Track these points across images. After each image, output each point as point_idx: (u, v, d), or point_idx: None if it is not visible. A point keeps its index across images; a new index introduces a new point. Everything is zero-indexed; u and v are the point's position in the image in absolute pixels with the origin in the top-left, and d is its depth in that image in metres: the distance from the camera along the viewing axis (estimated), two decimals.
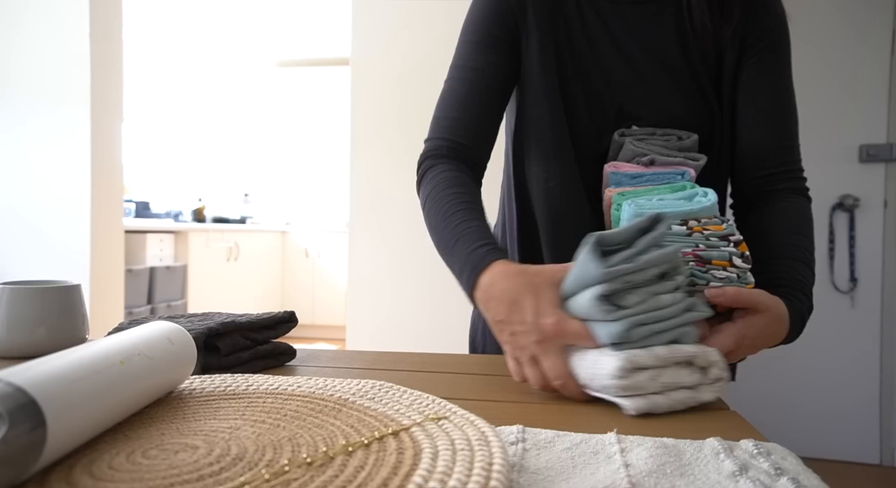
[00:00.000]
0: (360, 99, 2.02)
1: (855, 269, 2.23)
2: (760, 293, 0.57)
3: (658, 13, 0.74)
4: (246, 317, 0.66)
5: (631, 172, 0.68)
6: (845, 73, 2.22)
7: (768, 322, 0.57)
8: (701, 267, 0.57)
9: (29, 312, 0.65)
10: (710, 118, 0.73)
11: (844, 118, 2.23)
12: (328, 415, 0.41)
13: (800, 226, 0.70)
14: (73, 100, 2.16)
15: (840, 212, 2.24)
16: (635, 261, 0.49)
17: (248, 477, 0.30)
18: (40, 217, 2.20)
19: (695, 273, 0.57)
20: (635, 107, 0.73)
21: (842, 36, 2.23)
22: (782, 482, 0.32)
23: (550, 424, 0.43)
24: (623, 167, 0.69)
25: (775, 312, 0.58)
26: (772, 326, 0.58)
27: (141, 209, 4.02)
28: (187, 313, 0.71)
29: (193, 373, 0.53)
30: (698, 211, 0.59)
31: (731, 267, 0.57)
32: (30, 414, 0.29)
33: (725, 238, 0.58)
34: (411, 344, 1.97)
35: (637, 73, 0.73)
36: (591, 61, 0.74)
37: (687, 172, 0.66)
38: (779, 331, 0.59)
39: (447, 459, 0.32)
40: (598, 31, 0.75)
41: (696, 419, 0.46)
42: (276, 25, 4.50)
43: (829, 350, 2.24)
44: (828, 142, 2.25)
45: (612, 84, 0.74)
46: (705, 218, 0.59)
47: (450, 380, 0.59)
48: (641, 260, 0.49)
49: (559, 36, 0.75)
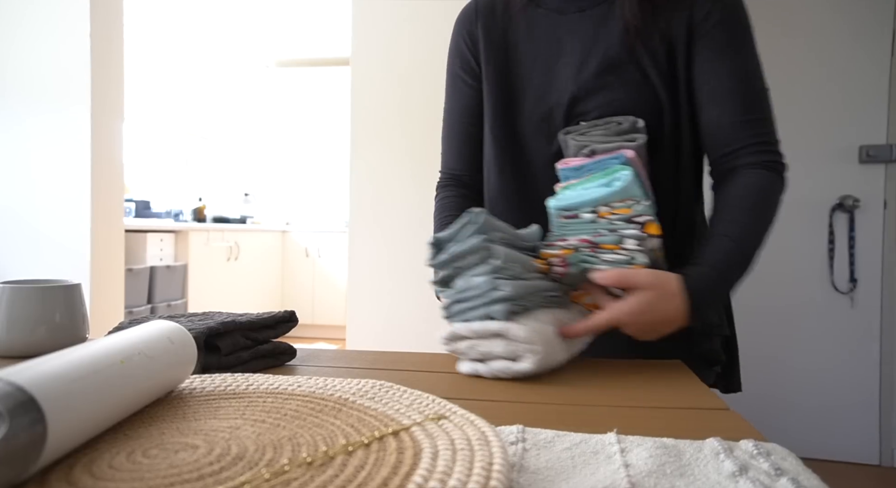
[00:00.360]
0: (360, 99, 2.02)
1: (855, 270, 2.22)
2: (641, 273, 0.62)
3: (603, 18, 0.78)
4: (246, 316, 0.66)
5: (575, 165, 0.72)
6: (845, 73, 2.22)
7: (651, 299, 0.61)
8: (593, 251, 0.63)
9: (29, 312, 0.65)
10: (659, 106, 0.76)
11: (844, 118, 2.23)
12: (328, 415, 0.41)
13: (746, 200, 0.70)
14: (74, 99, 2.15)
15: (840, 213, 2.24)
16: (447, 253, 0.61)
17: (248, 477, 0.30)
18: (40, 216, 2.20)
19: (586, 258, 0.63)
20: (582, 105, 0.77)
21: (842, 36, 2.23)
22: (782, 482, 0.32)
23: (550, 424, 0.43)
24: (570, 162, 0.72)
25: (660, 291, 0.61)
26: (659, 304, 0.61)
27: (141, 208, 4.02)
28: (187, 313, 0.71)
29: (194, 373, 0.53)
30: (608, 195, 0.64)
31: (620, 249, 0.62)
32: (30, 414, 0.29)
33: (631, 220, 0.63)
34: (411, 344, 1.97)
35: (583, 75, 0.77)
36: (540, 73, 0.81)
37: (621, 155, 0.68)
38: (669, 307, 0.62)
39: (447, 459, 0.32)
40: (546, 44, 0.81)
41: (696, 419, 0.46)
42: (275, 25, 4.50)
43: (829, 350, 2.24)
44: (828, 143, 2.24)
45: (560, 90, 0.79)
46: (618, 202, 0.64)
47: (450, 380, 0.59)
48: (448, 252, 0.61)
49: (509, 55, 0.84)
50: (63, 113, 2.17)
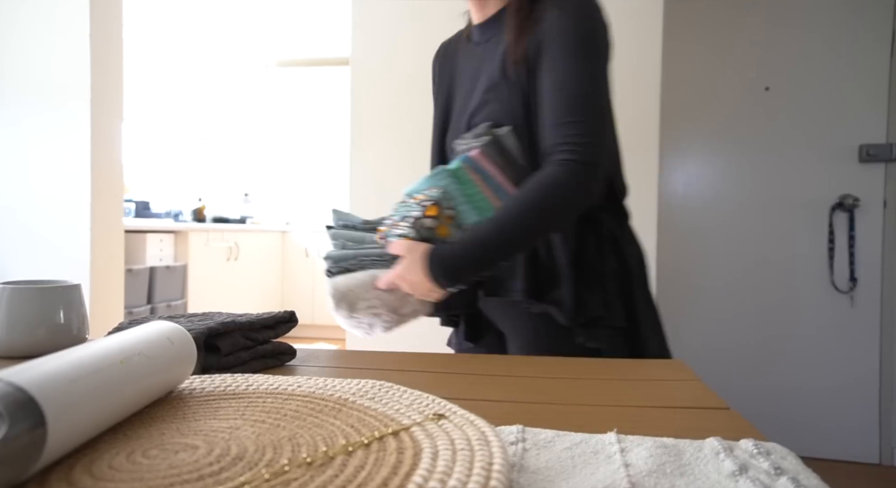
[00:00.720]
0: (360, 99, 2.02)
1: (855, 269, 2.22)
2: (399, 244, 0.80)
3: (494, 47, 0.92)
4: (246, 316, 0.66)
5: None
6: (845, 73, 2.22)
7: (406, 265, 0.79)
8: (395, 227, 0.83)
9: (29, 312, 0.65)
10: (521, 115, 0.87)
11: (844, 118, 2.23)
12: (328, 415, 0.41)
13: (524, 192, 0.80)
14: (73, 99, 2.15)
15: (840, 212, 2.24)
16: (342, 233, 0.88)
17: (248, 477, 0.30)
18: (40, 217, 2.20)
19: (390, 232, 0.83)
20: (475, 119, 0.91)
21: (842, 36, 2.23)
22: (782, 482, 0.32)
23: (550, 424, 0.43)
24: None
25: (410, 259, 0.79)
26: (410, 268, 0.79)
27: (141, 209, 4.01)
28: (187, 313, 0.71)
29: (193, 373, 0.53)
30: (418, 186, 0.84)
31: (399, 226, 0.82)
32: (30, 414, 0.29)
33: (421, 204, 0.81)
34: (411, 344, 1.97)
35: (475, 95, 0.92)
36: (461, 95, 0.97)
37: (465, 156, 0.84)
38: (417, 271, 0.79)
39: (447, 459, 0.32)
40: (463, 71, 0.99)
41: (696, 419, 0.46)
42: (275, 25, 4.49)
43: (829, 350, 2.24)
44: (828, 143, 2.25)
45: (466, 107, 0.94)
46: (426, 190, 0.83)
47: (450, 380, 0.60)
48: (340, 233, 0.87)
49: (445, 79, 1.02)
50: (63, 112, 2.17)
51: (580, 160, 0.78)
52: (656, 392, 0.55)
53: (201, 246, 3.85)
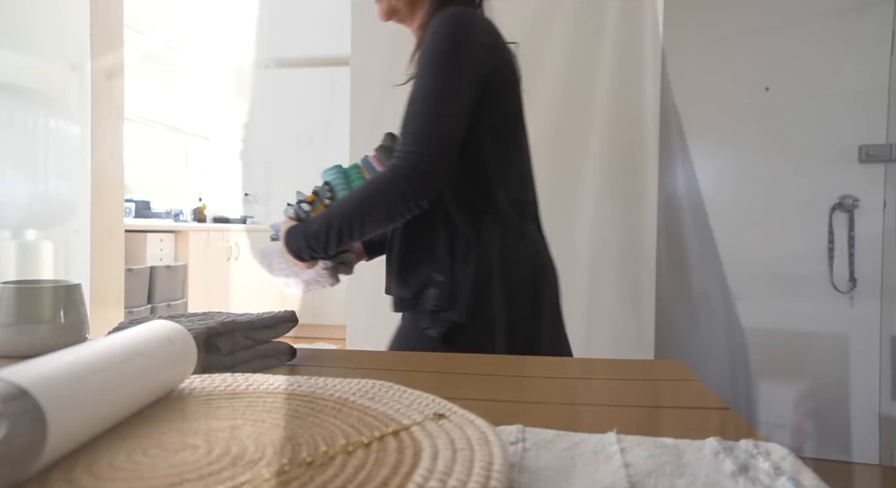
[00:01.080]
0: (360, 99, 2.02)
1: (854, 270, 2.22)
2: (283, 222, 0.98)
3: None
4: (246, 316, 0.66)
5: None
6: (845, 73, 2.22)
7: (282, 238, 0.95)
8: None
9: (29, 312, 0.65)
10: None
11: (844, 118, 2.23)
12: (328, 415, 0.41)
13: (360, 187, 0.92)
14: (73, 99, 2.15)
15: (839, 213, 2.24)
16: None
17: (248, 477, 0.30)
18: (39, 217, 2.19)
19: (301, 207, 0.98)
20: None
21: (841, 36, 2.23)
22: (782, 482, 0.32)
23: (550, 424, 0.43)
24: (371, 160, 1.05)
25: (283, 232, 0.95)
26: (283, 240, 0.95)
27: (141, 209, 4.01)
28: (187, 312, 0.71)
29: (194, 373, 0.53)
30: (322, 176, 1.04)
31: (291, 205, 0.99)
32: (30, 414, 0.29)
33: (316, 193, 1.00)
34: None
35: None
36: None
37: (364, 156, 1.03)
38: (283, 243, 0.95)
39: (447, 459, 0.32)
40: None
41: (696, 419, 0.47)
42: (275, 25, 4.49)
43: (829, 350, 2.24)
44: (827, 143, 2.24)
45: None
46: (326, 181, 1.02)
47: (450, 380, 0.60)
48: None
49: None
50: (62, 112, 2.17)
51: (404, 166, 0.87)
52: (656, 392, 0.55)
53: (201, 246, 3.85)
